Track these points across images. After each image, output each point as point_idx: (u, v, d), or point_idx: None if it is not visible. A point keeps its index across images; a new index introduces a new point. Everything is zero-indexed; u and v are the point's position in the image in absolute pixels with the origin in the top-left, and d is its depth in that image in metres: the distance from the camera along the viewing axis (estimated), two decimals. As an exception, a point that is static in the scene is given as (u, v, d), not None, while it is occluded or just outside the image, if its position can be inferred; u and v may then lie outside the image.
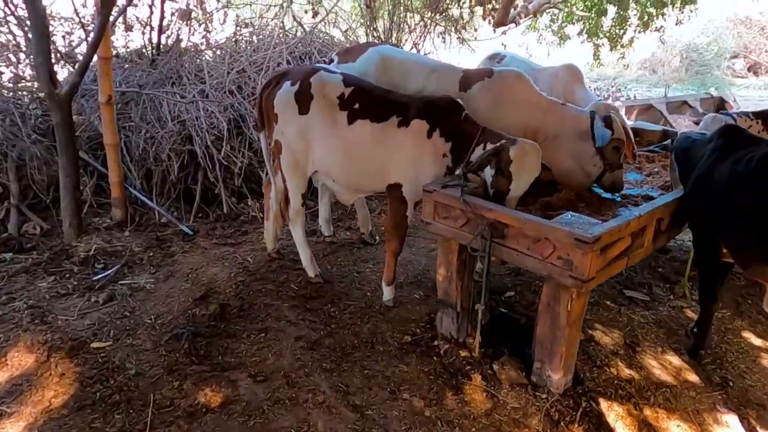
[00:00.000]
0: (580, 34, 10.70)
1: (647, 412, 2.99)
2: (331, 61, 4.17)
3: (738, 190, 2.84)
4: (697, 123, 7.72)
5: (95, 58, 4.25)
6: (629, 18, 10.06)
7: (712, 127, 4.18)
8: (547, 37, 10.45)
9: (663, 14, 9.69)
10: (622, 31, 10.11)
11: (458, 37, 6.95)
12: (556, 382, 2.96)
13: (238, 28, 6.22)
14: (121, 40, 5.93)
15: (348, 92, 3.50)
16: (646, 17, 9.90)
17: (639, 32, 10.05)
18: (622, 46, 10.47)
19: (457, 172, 3.42)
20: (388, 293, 3.82)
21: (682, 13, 9.68)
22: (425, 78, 3.89)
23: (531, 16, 8.36)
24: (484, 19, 7.26)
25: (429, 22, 6.43)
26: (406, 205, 3.57)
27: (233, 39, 6.19)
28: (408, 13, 6.28)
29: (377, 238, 4.80)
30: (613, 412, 2.94)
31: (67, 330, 3.29)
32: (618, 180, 3.66)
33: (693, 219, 3.19)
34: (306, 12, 6.24)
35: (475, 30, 7.28)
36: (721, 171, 2.96)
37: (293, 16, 5.69)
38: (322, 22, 6.18)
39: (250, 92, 5.61)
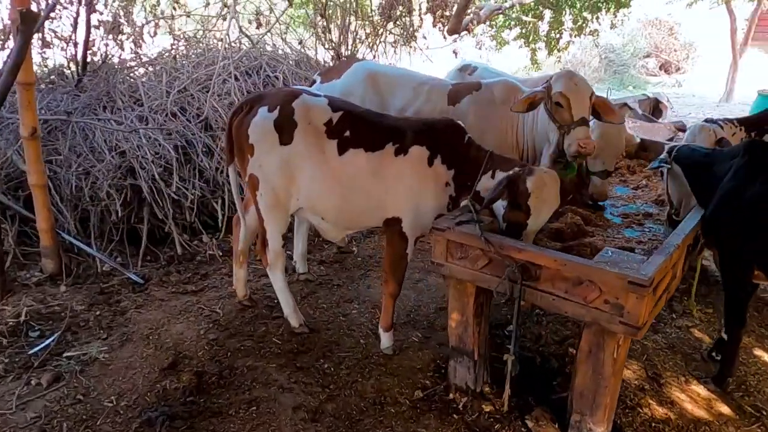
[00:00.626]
0: (516, 39, 10.71)
1: (693, 456, 2.75)
2: (314, 82, 3.73)
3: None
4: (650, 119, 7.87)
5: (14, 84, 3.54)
6: (564, 23, 10.16)
7: (700, 136, 4.08)
8: (486, 43, 10.38)
9: (597, 18, 9.84)
10: (558, 35, 10.19)
11: (410, 46, 6.64)
12: (599, 436, 2.65)
13: (175, 42, 5.56)
14: (36, 58, 5.12)
15: (336, 118, 3.05)
16: (581, 21, 10.03)
17: (574, 36, 10.18)
18: (558, 50, 10.56)
19: (464, 203, 3.06)
20: (386, 340, 3.40)
21: (616, 17, 9.87)
22: (413, 92, 3.73)
23: (483, 23, 8.19)
24: (434, 26, 7.00)
25: (381, 31, 6.05)
26: (407, 241, 3.17)
27: (170, 55, 5.53)
28: (359, 22, 5.88)
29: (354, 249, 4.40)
30: (661, 462, 2.68)
31: (4, 429, 2.63)
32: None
33: (721, 239, 2.99)
34: (250, 22, 5.69)
35: (425, 38, 6.99)
36: (754, 188, 2.78)
37: (239, 27, 5.13)
38: (270, 34, 5.65)
39: (195, 113, 5.00)
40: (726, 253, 3.02)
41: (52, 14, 4.67)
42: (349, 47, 5.73)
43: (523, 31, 10.39)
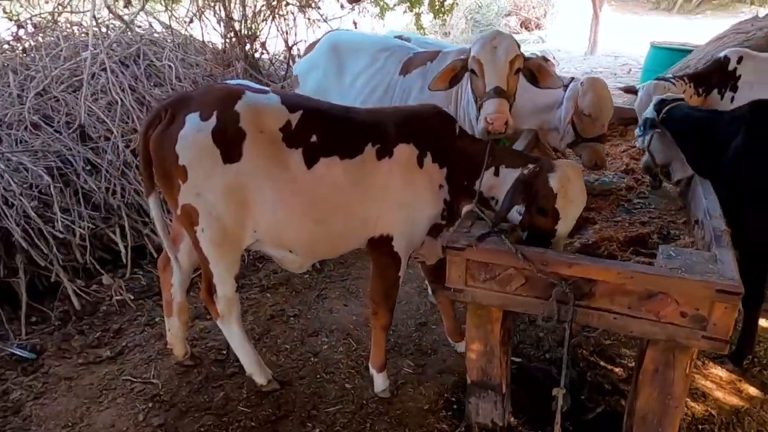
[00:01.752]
0: (399, 3, 10.21)
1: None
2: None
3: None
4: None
5: None
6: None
7: (656, 92, 3.87)
8: (370, 10, 9.76)
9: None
10: (442, -2, 9.85)
11: (306, 18, 5.85)
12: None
13: (16, 29, 4.28)
14: None
15: (296, 119, 2.32)
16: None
17: (459, -2, 9.91)
18: (442, 12, 10.24)
19: (467, 209, 2.51)
20: (381, 382, 2.80)
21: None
22: (371, 58, 3.38)
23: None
24: (330, -6, 6.25)
25: (276, 2, 5.20)
26: (400, 262, 2.56)
27: (13, 47, 4.27)
28: None
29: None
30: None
31: None
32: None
33: (734, 207, 2.71)
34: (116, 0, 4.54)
35: (318, 7, 6.22)
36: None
37: (107, 7, 4.03)
38: (145, 12, 4.57)
39: (65, 122, 3.89)
40: (741, 221, 2.76)
41: None
42: (248, 23, 4.81)
43: (407, -5, 9.89)
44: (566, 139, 3.66)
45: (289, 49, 4.93)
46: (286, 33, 4.93)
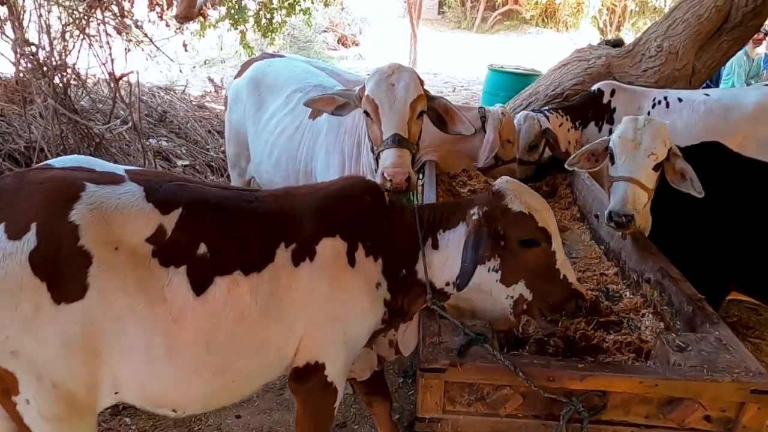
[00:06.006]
0: (221, 20, 9.30)
1: None
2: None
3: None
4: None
5: None
6: (273, 2, 9.21)
7: (525, 125, 3.78)
8: (189, 26, 8.68)
9: (306, -6, 9.15)
10: (269, 15, 9.18)
11: (126, 39, 4.74)
12: None
13: None
14: None
15: (172, 222, 1.58)
16: (293, -1, 9.21)
17: (289, 16, 9.30)
18: (271, 30, 9.57)
19: (421, 307, 1.97)
20: None
21: (328, -7, 9.33)
22: (286, 98, 3.02)
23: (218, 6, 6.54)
24: (151, 10, 5.16)
25: (82, 18, 4.08)
26: (336, 393, 1.91)
27: None
28: (56, 7, 3.79)
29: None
30: None
31: None
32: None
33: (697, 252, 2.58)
34: None
35: (139, 27, 5.14)
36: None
37: None
38: None
39: None
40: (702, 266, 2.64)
41: None
42: (53, 44, 3.64)
43: (230, 11, 9.04)
44: (485, 164, 3.43)
45: (116, 80, 3.88)
46: (110, 59, 3.89)
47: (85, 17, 4.14)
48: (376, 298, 1.90)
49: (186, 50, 5.52)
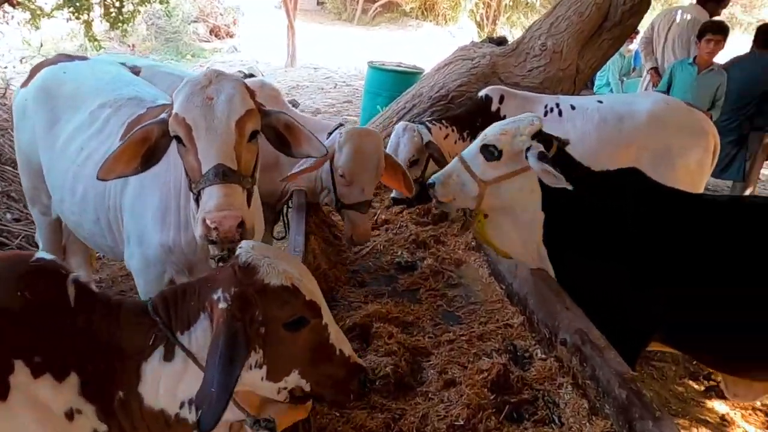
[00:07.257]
0: (59, 8, 7.96)
1: None
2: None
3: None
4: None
5: None
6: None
7: (405, 137, 3.29)
8: (17, 16, 7.27)
9: (163, -19, 8.07)
10: (119, 4, 7.99)
11: None
12: None
13: None
14: None
15: None
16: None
17: (142, 4, 8.16)
18: (122, 21, 8.36)
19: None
20: None
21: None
22: (90, 115, 2.28)
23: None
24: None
25: None
26: None
27: None
28: None
29: None
30: None
31: None
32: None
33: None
34: None
35: None
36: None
37: None
38: None
39: None
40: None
41: None
42: None
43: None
44: (328, 203, 2.88)
45: None
46: None
47: None
48: (72, 429, 1.25)
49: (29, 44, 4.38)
